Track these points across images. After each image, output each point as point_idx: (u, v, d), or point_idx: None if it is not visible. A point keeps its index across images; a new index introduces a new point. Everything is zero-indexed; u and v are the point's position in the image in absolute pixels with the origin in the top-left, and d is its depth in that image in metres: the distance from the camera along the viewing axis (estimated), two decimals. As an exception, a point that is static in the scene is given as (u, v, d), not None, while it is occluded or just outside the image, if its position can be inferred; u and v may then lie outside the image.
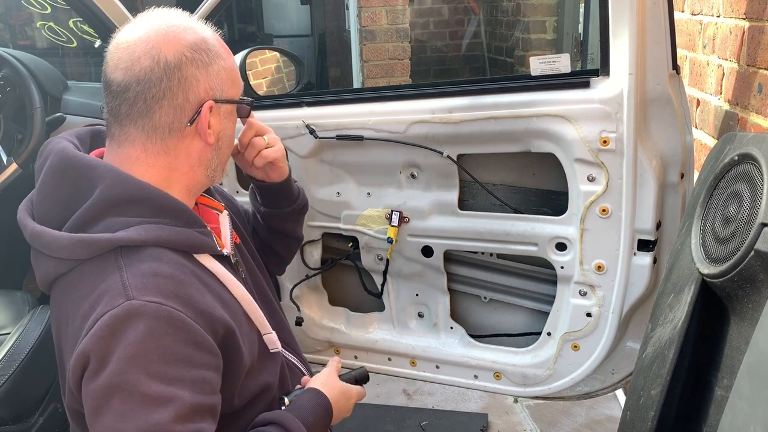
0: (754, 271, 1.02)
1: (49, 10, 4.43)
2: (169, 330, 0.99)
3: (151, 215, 1.08)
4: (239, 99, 1.20)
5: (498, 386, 1.91)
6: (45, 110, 2.07)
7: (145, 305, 0.98)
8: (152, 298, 0.99)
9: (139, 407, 0.95)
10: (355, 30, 4.58)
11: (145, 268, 1.02)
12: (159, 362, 0.97)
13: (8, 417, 1.70)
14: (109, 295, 1.00)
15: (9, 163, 1.99)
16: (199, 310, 1.03)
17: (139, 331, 0.97)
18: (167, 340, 0.98)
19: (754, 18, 1.62)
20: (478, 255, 1.93)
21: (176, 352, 0.99)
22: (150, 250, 1.05)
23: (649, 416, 1.19)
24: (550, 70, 1.64)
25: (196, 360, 1.01)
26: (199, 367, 1.01)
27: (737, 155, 1.19)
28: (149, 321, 0.98)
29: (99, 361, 0.98)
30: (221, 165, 1.21)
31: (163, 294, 1.00)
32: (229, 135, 1.20)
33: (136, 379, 0.96)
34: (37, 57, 2.28)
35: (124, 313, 0.98)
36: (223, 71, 1.15)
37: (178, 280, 1.03)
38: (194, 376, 1.00)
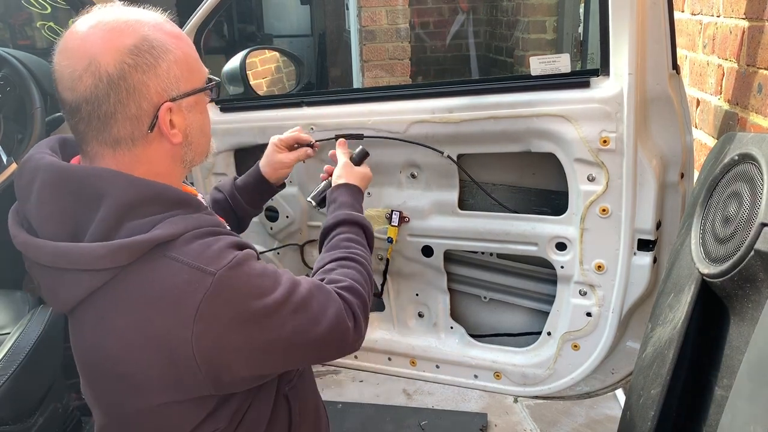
0: (754, 270, 1.02)
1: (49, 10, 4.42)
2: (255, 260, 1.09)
3: (166, 210, 1.06)
4: (200, 87, 1.11)
5: (498, 386, 1.91)
6: (45, 110, 2.07)
7: (230, 268, 1.03)
8: (225, 261, 1.03)
9: (302, 308, 1.10)
10: (355, 30, 4.58)
11: (196, 247, 1.03)
12: (272, 280, 1.09)
13: (8, 417, 1.70)
14: (191, 287, 1.00)
15: (9, 163, 1.99)
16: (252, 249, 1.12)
17: (241, 277, 1.04)
18: (260, 266, 1.09)
19: (754, 18, 1.62)
20: (478, 255, 1.93)
21: (277, 273, 1.12)
22: (183, 237, 1.03)
23: (649, 416, 1.19)
24: (550, 70, 1.64)
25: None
26: None
27: (737, 155, 1.19)
28: (243, 269, 1.05)
29: (239, 311, 1.04)
30: (199, 154, 1.17)
31: (225, 255, 1.04)
32: (199, 125, 1.13)
33: (281, 298, 1.08)
34: (37, 57, 2.28)
35: (221, 282, 1.01)
36: (174, 66, 1.05)
37: (225, 239, 1.07)
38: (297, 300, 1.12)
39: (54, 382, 1.90)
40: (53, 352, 1.92)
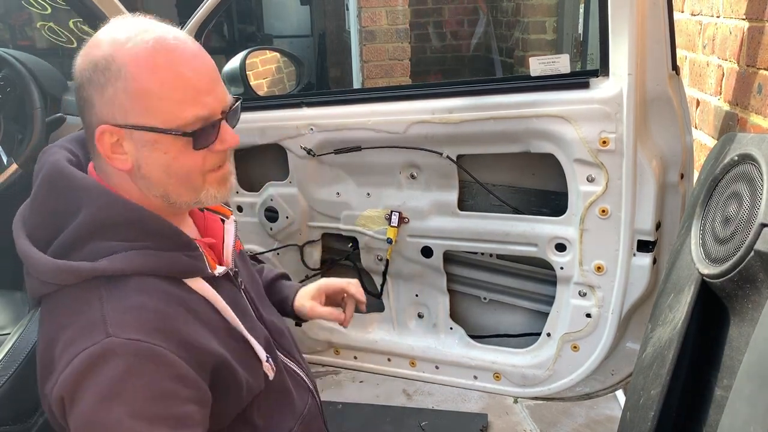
0: (754, 271, 1.02)
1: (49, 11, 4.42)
2: (150, 366, 0.97)
3: (137, 238, 1.05)
4: (155, 127, 1.02)
5: (497, 387, 1.91)
6: (45, 110, 2.07)
7: (125, 343, 0.96)
8: (133, 335, 0.97)
9: None
10: (355, 30, 4.58)
11: (127, 302, 1.00)
12: (141, 400, 0.96)
13: (8, 417, 1.70)
14: (89, 330, 0.98)
15: (9, 163, 1.99)
16: (184, 343, 1.01)
17: (119, 370, 0.96)
18: (148, 378, 0.97)
19: (754, 18, 1.63)
20: (478, 255, 1.93)
21: (159, 388, 0.97)
22: (134, 280, 1.02)
23: (649, 416, 1.19)
24: (549, 70, 1.64)
25: (179, 394, 0.99)
26: (182, 402, 0.99)
27: (737, 156, 1.19)
28: (129, 359, 0.96)
29: (73, 399, 0.97)
30: (174, 194, 1.09)
31: (144, 330, 0.98)
32: (161, 164, 1.05)
33: (116, 419, 0.95)
34: (37, 57, 2.28)
35: (103, 351, 0.96)
36: (122, 94, 1.01)
37: (163, 314, 1.01)
38: (177, 413, 0.98)
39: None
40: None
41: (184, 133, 1.03)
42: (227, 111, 1.09)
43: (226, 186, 1.13)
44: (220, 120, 1.07)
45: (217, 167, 1.10)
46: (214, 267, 1.14)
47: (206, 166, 1.08)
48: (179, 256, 1.07)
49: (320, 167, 1.94)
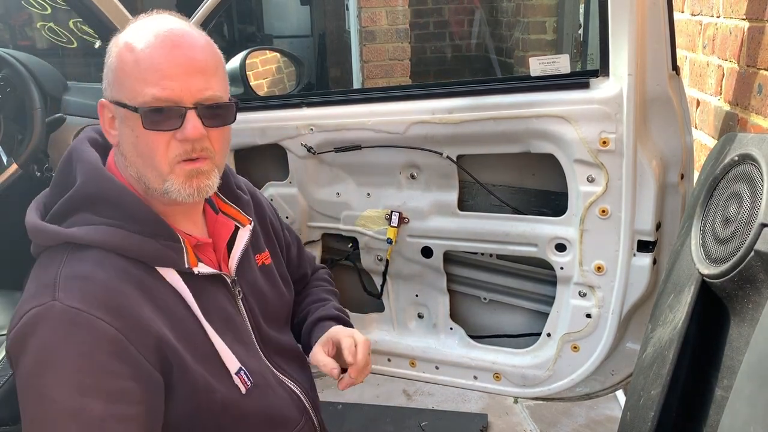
0: (754, 271, 1.02)
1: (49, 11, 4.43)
2: (86, 337, 0.98)
3: (115, 217, 1.08)
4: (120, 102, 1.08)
5: (497, 387, 1.91)
6: (45, 111, 2.07)
7: (65, 310, 0.99)
8: (75, 304, 0.99)
9: (52, 415, 0.97)
10: (355, 30, 4.58)
11: (80, 269, 1.03)
12: (73, 369, 0.97)
13: (8, 417, 1.70)
14: (42, 291, 1.02)
15: (9, 163, 1.98)
16: (127, 319, 1.02)
17: (56, 335, 0.98)
18: (83, 348, 0.98)
19: (754, 18, 1.62)
20: (478, 256, 1.93)
21: (93, 360, 0.98)
22: (95, 252, 1.05)
23: (649, 416, 1.19)
24: (549, 70, 1.64)
25: (115, 370, 1.00)
26: (118, 377, 1.00)
27: (737, 156, 1.19)
28: (66, 326, 0.98)
29: (17, 356, 1.01)
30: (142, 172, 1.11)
31: (87, 301, 1.00)
32: (129, 141, 1.09)
33: (49, 384, 0.97)
34: (37, 57, 2.28)
35: (45, 314, 0.99)
36: (109, 71, 1.11)
37: (109, 288, 1.02)
38: (112, 387, 0.99)
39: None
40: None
41: (136, 108, 1.07)
42: (200, 105, 1.09)
43: (193, 183, 1.11)
44: (187, 109, 1.07)
45: (188, 160, 1.10)
46: (194, 264, 1.14)
47: (171, 153, 1.09)
48: (152, 242, 1.09)
49: (320, 167, 1.94)
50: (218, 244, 1.24)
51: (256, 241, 1.34)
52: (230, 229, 1.26)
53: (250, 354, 1.23)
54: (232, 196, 1.31)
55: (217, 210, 1.28)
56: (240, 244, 1.26)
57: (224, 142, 1.16)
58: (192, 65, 1.08)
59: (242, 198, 1.32)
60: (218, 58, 1.14)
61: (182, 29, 1.10)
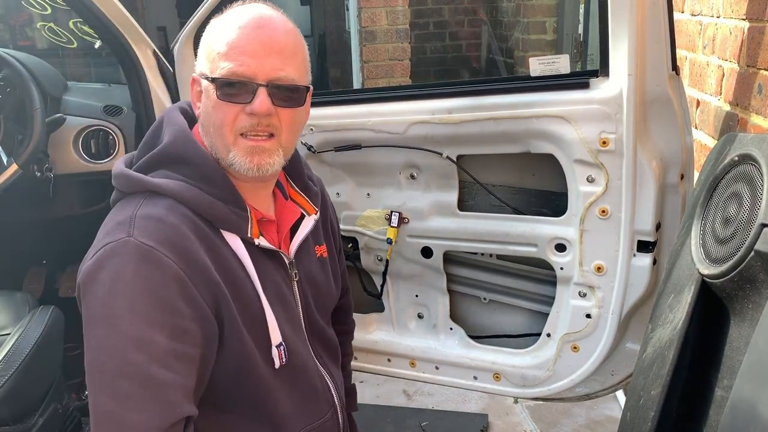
0: (754, 271, 1.02)
1: (49, 11, 4.42)
2: (156, 273, 1.04)
3: (196, 179, 1.15)
4: (205, 75, 1.17)
5: (497, 387, 1.91)
6: (45, 111, 2.07)
7: (138, 245, 1.05)
8: (148, 242, 1.05)
9: (118, 342, 1.02)
10: (355, 31, 4.57)
11: (155, 211, 1.09)
12: (142, 302, 1.03)
13: (8, 417, 1.70)
14: (118, 228, 1.08)
15: (9, 163, 1.98)
16: (193, 264, 1.08)
17: (128, 268, 1.04)
18: (153, 283, 1.04)
19: (754, 18, 1.62)
20: (478, 256, 1.93)
21: (161, 296, 1.04)
22: (170, 201, 1.12)
23: (649, 416, 1.19)
24: (549, 70, 1.64)
25: (180, 309, 1.05)
26: (182, 317, 1.05)
27: (737, 156, 1.19)
28: (138, 261, 1.04)
29: (88, 287, 1.05)
30: (214, 140, 1.18)
31: (159, 240, 1.06)
32: (207, 110, 1.17)
33: (119, 313, 1.02)
34: (37, 58, 2.28)
35: (120, 249, 1.05)
36: (203, 47, 1.19)
37: (180, 232, 1.08)
38: (176, 324, 1.04)
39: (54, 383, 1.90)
40: (53, 352, 1.92)
41: (212, 78, 1.14)
42: (272, 84, 1.14)
43: (254, 159, 1.16)
44: (259, 86, 1.13)
45: (251, 136, 1.16)
46: (257, 235, 1.19)
47: (237, 125, 1.15)
48: (221, 205, 1.15)
49: (320, 167, 1.94)
50: (282, 227, 1.29)
51: (318, 233, 1.39)
52: (296, 216, 1.32)
53: (297, 336, 1.27)
54: (302, 184, 1.37)
55: (287, 196, 1.34)
56: (303, 230, 1.31)
57: (293, 123, 1.21)
58: (270, 46, 1.15)
59: (312, 189, 1.38)
60: (299, 44, 1.22)
61: (270, 14, 1.18)
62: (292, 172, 1.36)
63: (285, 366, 1.22)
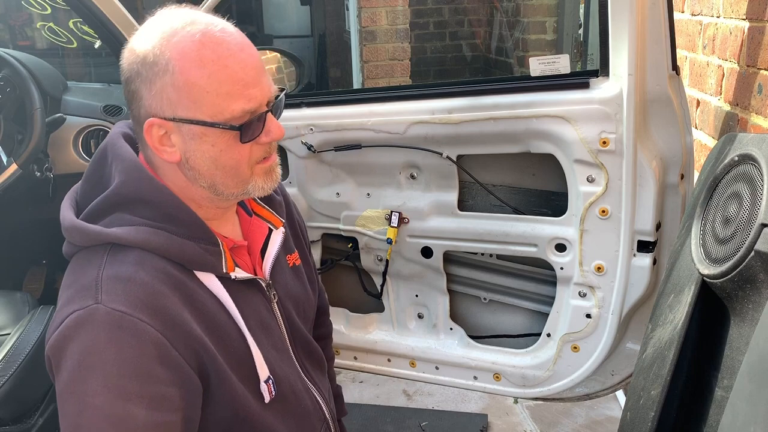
0: (754, 271, 1.02)
1: (49, 11, 4.42)
2: (131, 341, 0.96)
3: (156, 218, 1.06)
4: (204, 121, 1.03)
5: (497, 387, 1.91)
6: (45, 111, 2.07)
7: (109, 313, 0.96)
8: (119, 307, 0.97)
9: (93, 421, 0.94)
10: (355, 30, 4.58)
11: (122, 270, 1.00)
12: (117, 375, 0.95)
13: (8, 417, 1.70)
14: (83, 293, 0.99)
15: (9, 163, 1.99)
16: (171, 323, 1.00)
17: (99, 339, 0.95)
18: (128, 353, 0.96)
19: (754, 18, 1.62)
20: (478, 256, 1.93)
21: (137, 365, 0.96)
22: (137, 253, 1.02)
23: (649, 417, 1.19)
24: (549, 70, 1.64)
25: (159, 375, 0.97)
26: (161, 382, 0.98)
27: (737, 156, 1.19)
28: (111, 330, 0.96)
29: (58, 361, 0.98)
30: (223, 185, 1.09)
31: (132, 303, 0.97)
32: (210, 156, 1.06)
33: (92, 390, 0.95)
34: (37, 58, 2.28)
35: (88, 317, 0.97)
36: (170, 89, 1.02)
37: (152, 290, 1.00)
38: (155, 393, 0.97)
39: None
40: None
41: (232, 126, 1.04)
42: (272, 102, 1.09)
43: (272, 177, 1.13)
44: (266, 112, 1.07)
45: (263, 158, 1.11)
46: (232, 268, 1.12)
47: (253, 157, 1.09)
48: (192, 245, 1.07)
49: (320, 167, 1.94)
50: (253, 248, 1.22)
51: (287, 241, 1.33)
52: (264, 232, 1.25)
53: (283, 359, 1.21)
54: (265, 197, 1.28)
55: (251, 212, 1.26)
56: (273, 247, 1.24)
57: None
58: (260, 65, 1.06)
59: (275, 199, 1.30)
60: None
61: (224, 25, 1.06)
62: None
63: (275, 398, 1.17)
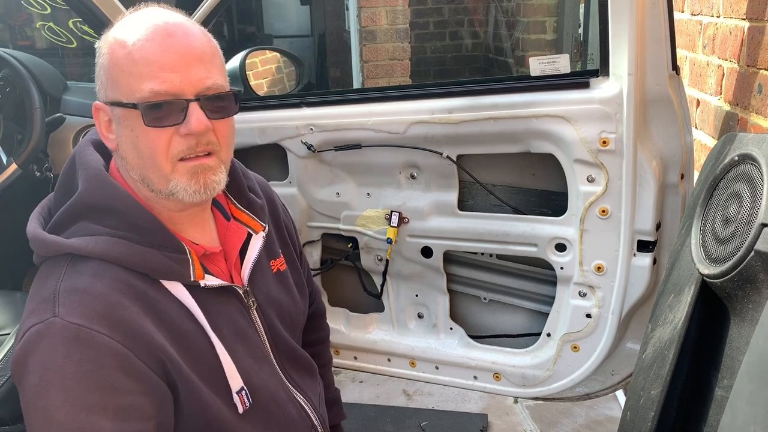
0: (754, 271, 1.02)
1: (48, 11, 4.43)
2: (90, 354, 0.94)
3: (119, 227, 1.04)
4: (120, 101, 1.02)
5: (497, 387, 1.91)
6: (45, 110, 2.07)
7: (66, 326, 0.95)
8: (75, 320, 0.95)
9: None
10: (355, 30, 4.58)
11: (79, 282, 0.99)
12: (78, 388, 0.93)
13: (8, 417, 1.70)
14: (42, 306, 0.98)
15: (9, 163, 1.99)
16: (130, 333, 0.97)
17: (57, 353, 0.94)
18: (87, 365, 0.94)
19: (754, 18, 1.62)
20: (478, 256, 1.93)
21: (98, 378, 0.94)
22: (95, 263, 1.01)
23: (649, 416, 1.19)
24: (549, 70, 1.64)
25: (122, 385, 0.96)
26: (126, 393, 0.96)
27: (737, 156, 1.19)
28: (68, 344, 0.94)
29: (20, 376, 0.97)
30: (142, 174, 1.06)
31: (88, 315, 0.96)
32: (129, 140, 1.04)
33: (55, 405, 0.93)
34: (36, 57, 2.28)
35: (45, 331, 0.95)
36: (101, 71, 1.05)
37: (110, 302, 0.98)
38: (119, 404, 0.95)
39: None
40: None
41: (135, 105, 1.01)
42: (202, 96, 1.04)
43: (200, 181, 1.06)
44: (189, 102, 1.02)
45: (189, 157, 1.05)
46: (201, 276, 1.08)
47: (173, 150, 1.04)
48: (155, 253, 1.04)
49: (320, 167, 1.94)
50: (229, 253, 1.18)
51: (271, 246, 1.28)
52: (243, 237, 1.20)
53: (263, 367, 1.18)
54: (244, 200, 1.25)
55: (229, 216, 1.22)
56: (252, 252, 1.20)
57: (229, 135, 1.11)
58: (190, 53, 1.02)
59: (255, 203, 1.26)
60: (215, 46, 1.09)
61: (175, 19, 1.05)
62: (231, 188, 1.22)
63: (252, 407, 1.13)
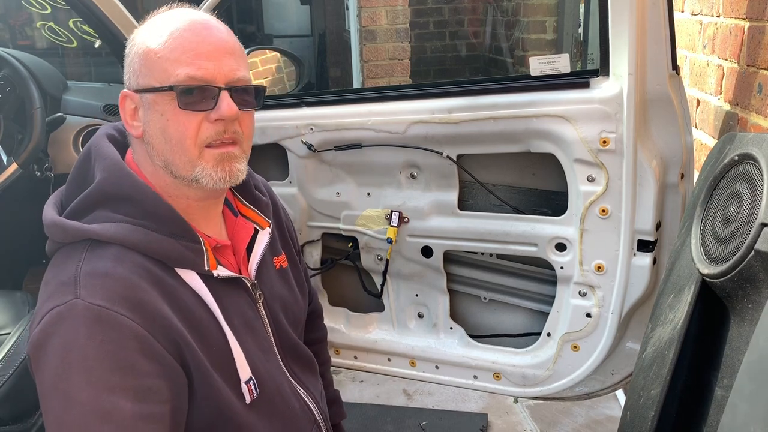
0: (754, 271, 1.02)
1: (49, 11, 4.43)
2: (112, 335, 0.96)
3: (136, 216, 1.06)
4: (155, 86, 1.05)
5: (497, 386, 1.91)
6: (45, 110, 2.07)
7: (88, 307, 0.96)
8: (98, 302, 0.96)
9: (79, 417, 0.93)
10: (355, 30, 4.58)
11: (100, 265, 1.00)
12: (100, 369, 0.94)
13: (8, 417, 1.70)
14: (63, 289, 0.99)
15: (9, 163, 1.99)
16: (151, 316, 0.99)
17: (79, 334, 0.95)
18: (109, 346, 0.95)
19: (754, 18, 1.62)
20: (478, 255, 1.93)
21: (119, 358, 0.96)
22: (115, 248, 1.03)
23: (649, 416, 1.19)
24: (549, 70, 1.64)
25: (142, 367, 0.97)
26: (146, 375, 0.97)
27: (737, 155, 1.19)
28: (90, 324, 0.95)
29: (39, 358, 0.98)
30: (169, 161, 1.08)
31: (110, 297, 0.97)
32: (159, 127, 1.07)
33: (77, 386, 0.94)
34: (37, 57, 2.28)
35: (68, 313, 0.96)
36: (135, 59, 1.08)
37: (130, 284, 1.00)
38: (140, 385, 0.97)
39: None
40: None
41: (171, 87, 1.04)
42: (232, 86, 1.08)
43: (225, 168, 1.09)
44: (220, 90, 1.06)
45: (217, 144, 1.08)
46: (214, 266, 1.12)
47: (201, 136, 1.07)
48: (172, 242, 1.07)
49: (320, 167, 1.94)
50: (238, 248, 1.22)
51: (274, 243, 1.32)
52: (250, 232, 1.24)
53: (269, 360, 1.20)
54: (250, 197, 1.29)
55: (237, 212, 1.26)
56: (259, 247, 1.23)
57: (252, 128, 1.15)
58: (223, 46, 1.07)
59: (261, 200, 1.29)
60: (240, 45, 1.14)
61: (205, 16, 1.11)
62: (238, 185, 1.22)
63: (258, 398, 1.15)
